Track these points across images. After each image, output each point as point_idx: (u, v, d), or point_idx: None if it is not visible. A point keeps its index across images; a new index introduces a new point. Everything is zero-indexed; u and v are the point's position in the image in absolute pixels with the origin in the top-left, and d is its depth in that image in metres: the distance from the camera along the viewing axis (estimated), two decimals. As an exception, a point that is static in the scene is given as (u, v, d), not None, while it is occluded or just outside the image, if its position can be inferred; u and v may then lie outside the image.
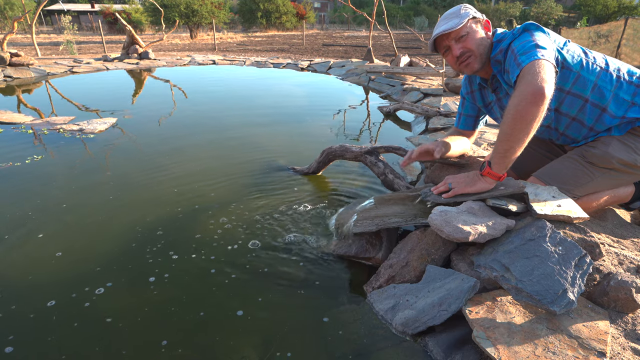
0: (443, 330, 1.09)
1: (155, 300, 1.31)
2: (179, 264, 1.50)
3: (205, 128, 3.47)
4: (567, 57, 1.31)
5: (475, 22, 1.38)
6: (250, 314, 1.25)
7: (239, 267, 1.49)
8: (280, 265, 1.50)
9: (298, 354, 1.10)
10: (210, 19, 18.74)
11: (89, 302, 1.29)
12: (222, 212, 1.90)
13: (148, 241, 1.65)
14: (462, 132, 1.74)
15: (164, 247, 1.61)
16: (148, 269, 1.47)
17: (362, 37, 19.06)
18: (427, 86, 5.08)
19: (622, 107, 1.34)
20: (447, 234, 1.18)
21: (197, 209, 1.93)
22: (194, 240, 1.66)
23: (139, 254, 1.56)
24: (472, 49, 1.36)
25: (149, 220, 1.82)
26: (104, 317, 1.23)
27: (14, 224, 1.78)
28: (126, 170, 2.43)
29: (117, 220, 1.83)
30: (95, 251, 1.58)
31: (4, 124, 3.44)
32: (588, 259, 1.06)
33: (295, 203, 1.99)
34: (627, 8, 20.17)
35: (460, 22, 1.34)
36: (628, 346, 0.97)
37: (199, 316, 1.24)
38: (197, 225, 1.78)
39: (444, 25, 1.36)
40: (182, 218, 1.84)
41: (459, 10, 1.38)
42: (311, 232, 1.72)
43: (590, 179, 1.39)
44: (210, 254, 1.57)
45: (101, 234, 1.71)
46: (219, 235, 1.70)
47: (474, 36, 1.36)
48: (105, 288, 1.36)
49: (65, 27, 11.30)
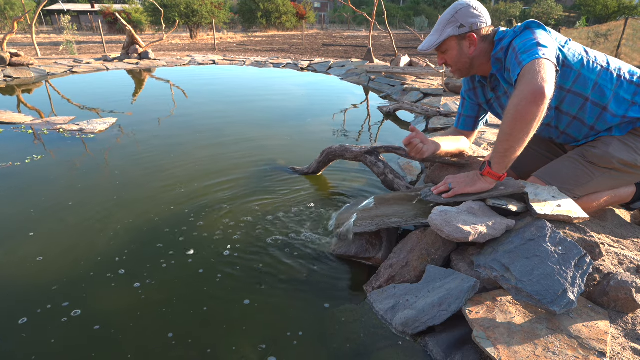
0: (443, 330, 1.09)
1: (155, 300, 1.31)
2: (177, 264, 1.50)
3: (204, 128, 3.47)
4: (569, 55, 1.31)
5: (458, 39, 1.41)
6: (249, 314, 1.25)
7: (239, 267, 1.49)
8: (279, 265, 1.50)
9: (298, 354, 1.10)
10: (210, 19, 18.75)
11: (86, 302, 1.29)
12: (221, 212, 1.90)
13: (147, 241, 1.65)
14: (461, 132, 1.74)
15: (163, 247, 1.61)
16: (148, 269, 1.47)
17: (362, 37, 19.06)
18: (427, 86, 5.08)
19: (622, 106, 1.34)
20: (447, 234, 1.18)
21: (196, 209, 1.93)
22: (193, 240, 1.66)
23: (139, 254, 1.56)
24: (450, 64, 1.48)
25: (149, 220, 1.82)
26: (103, 317, 1.23)
27: (13, 223, 1.78)
28: (126, 170, 2.43)
29: (116, 219, 1.82)
30: (95, 251, 1.58)
31: (4, 124, 3.44)
32: (588, 259, 1.06)
33: (295, 203, 1.99)
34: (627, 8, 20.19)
35: (438, 41, 1.42)
36: (628, 346, 0.97)
37: (198, 316, 1.24)
38: (196, 226, 1.78)
39: (426, 41, 1.47)
40: (181, 218, 1.84)
41: (446, 22, 1.40)
42: (311, 232, 1.72)
43: (590, 179, 1.39)
44: (209, 254, 1.57)
45: (101, 233, 1.71)
46: (218, 235, 1.70)
47: (452, 54, 1.45)
48: (105, 288, 1.36)
49: (65, 27, 11.30)
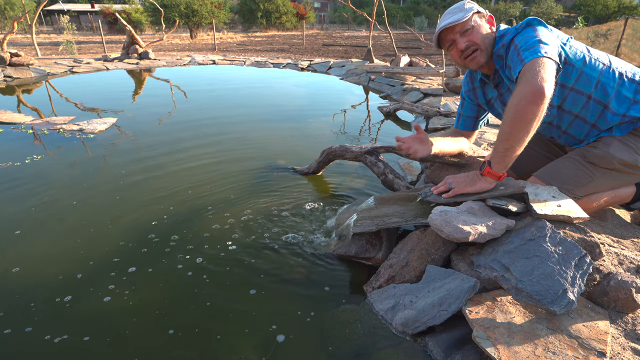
0: (443, 330, 1.09)
1: (153, 299, 1.31)
2: (176, 264, 1.50)
3: (204, 128, 3.46)
4: (570, 53, 1.31)
5: (480, 17, 1.38)
6: (249, 314, 1.25)
7: (239, 267, 1.49)
8: (279, 265, 1.50)
9: (298, 354, 1.10)
10: (210, 19, 18.74)
11: (86, 301, 1.29)
12: (221, 212, 1.90)
13: (147, 241, 1.65)
14: (461, 133, 1.74)
15: (163, 248, 1.61)
16: (147, 270, 1.47)
17: (362, 37, 19.06)
18: (427, 86, 5.08)
19: (623, 105, 1.34)
20: (447, 234, 1.18)
21: (196, 209, 1.93)
22: (192, 241, 1.66)
23: (137, 255, 1.56)
24: (477, 42, 1.36)
25: (149, 220, 1.82)
26: (103, 316, 1.23)
27: (13, 223, 1.78)
28: (126, 170, 2.43)
29: (116, 219, 1.82)
30: (96, 250, 1.58)
31: (4, 124, 3.44)
32: (588, 259, 1.06)
33: (295, 203, 1.99)
34: (627, 8, 20.18)
35: (465, 16, 1.33)
36: (628, 346, 0.97)
37: (198, 317, 1.24)
38: (196, 226, 1.78)
39: (449, 19, 1.36)
40: (181, 218, 1.84)
41: (463, 5, 1.38)
42: (311, 232, 1.72)
43: (590, 179, 1.39)
44: (209, 253, 1.57)
45: (100, 233, 1.71)
46: (218, 235, 1.70)
47: (479, 30, 1.36)
48: (105, 286, 1.37)
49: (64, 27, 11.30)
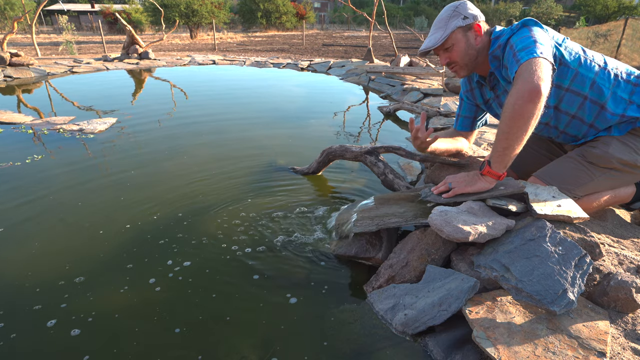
0: (443, 330, 1.09)
1: (154, 299, 1.31)
2: (176, 264, 1.50)
3: (204, 128, 3.47)
4: (565, 54, 1.32)
5: (464, 30, 1.39)
6: (249, 314, 1.25)
7: (238, 267, 1.49)
8: (279, 265, 1.50)
9: (298, 354, 1.10)
10: (210, 19, 18.74)
11: (87, 300, 1.29)
12: (221, 213, 1.90)
13: (147, 242, 1.65)
14: (460, 133, 1.75)
15: (162, 248, 1.61)
16: (147, 270, 1.47)
17: (362, 37, 19.06)
18: (427, 86, 5.08)
19: (620, 105, 1.35)
20: (447, 234, 1.18)
21: (196, 209, 1.93)
22: (192, 240, 1.66)
23: (137, 255, 1.56)
24: (456, 60, 1.42)
25: (149, 220, 1.82)
26: (103, 316, 1.23)
27: (13, 223, 1.78)
28: (126, 170, 2.42)
29: (117, 219, 1.82)
30: (96, 250, 1.58)
31: (4, 124, 3.44)
32: (588, 259, 1.06)
33: (295, 203, 1.99)
34: (627, 8, 20.17)
35: (442, 37, 1.38)
36: (628, 346, 0.97)
37: (198, 317, 1.24)
38: (195, 226, 1.78)
39: (428, 40, 1.42)
40: (180, 219, 1.84)
41: (449, 17, 1.39)
42: (311, 232, 1.72)
43: (590, 179, 1.39)
44: (208, 254, 1.57)
45: (101, 233, 1.71)
46: (217, 236, 1.70)
47: (460, 46, 1.40)
48: (105, 287, 1.37)
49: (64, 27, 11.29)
